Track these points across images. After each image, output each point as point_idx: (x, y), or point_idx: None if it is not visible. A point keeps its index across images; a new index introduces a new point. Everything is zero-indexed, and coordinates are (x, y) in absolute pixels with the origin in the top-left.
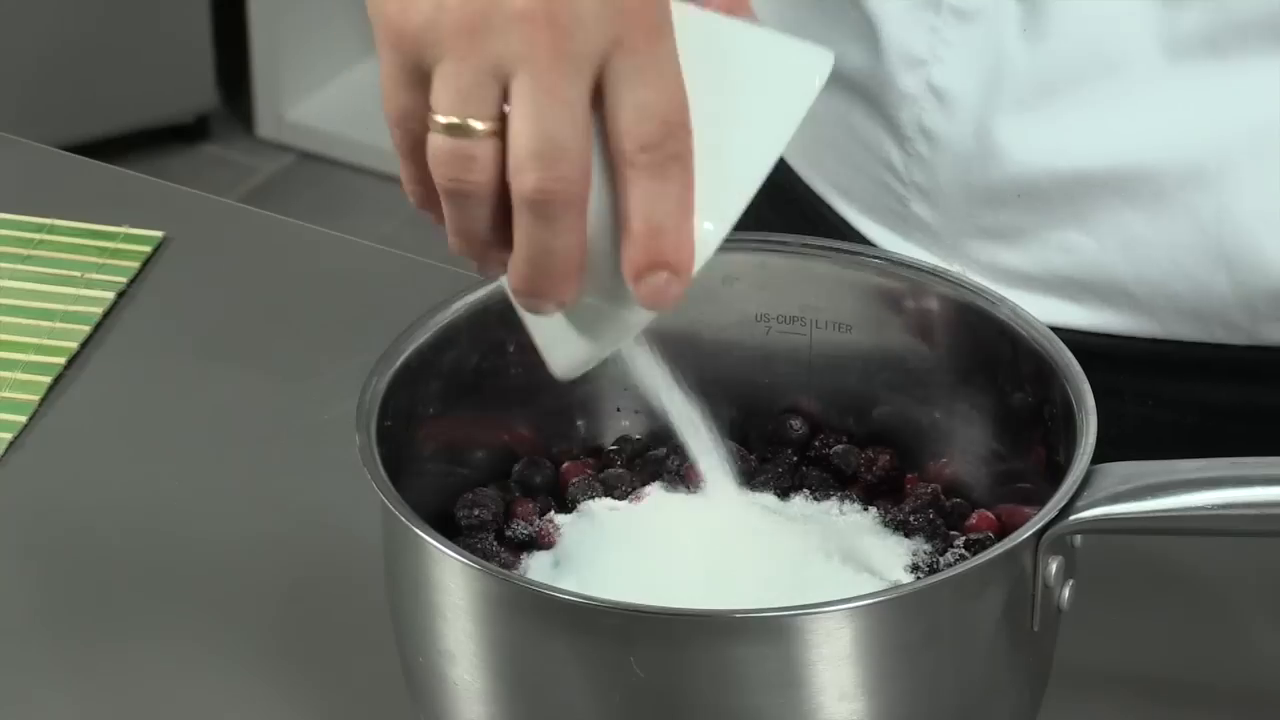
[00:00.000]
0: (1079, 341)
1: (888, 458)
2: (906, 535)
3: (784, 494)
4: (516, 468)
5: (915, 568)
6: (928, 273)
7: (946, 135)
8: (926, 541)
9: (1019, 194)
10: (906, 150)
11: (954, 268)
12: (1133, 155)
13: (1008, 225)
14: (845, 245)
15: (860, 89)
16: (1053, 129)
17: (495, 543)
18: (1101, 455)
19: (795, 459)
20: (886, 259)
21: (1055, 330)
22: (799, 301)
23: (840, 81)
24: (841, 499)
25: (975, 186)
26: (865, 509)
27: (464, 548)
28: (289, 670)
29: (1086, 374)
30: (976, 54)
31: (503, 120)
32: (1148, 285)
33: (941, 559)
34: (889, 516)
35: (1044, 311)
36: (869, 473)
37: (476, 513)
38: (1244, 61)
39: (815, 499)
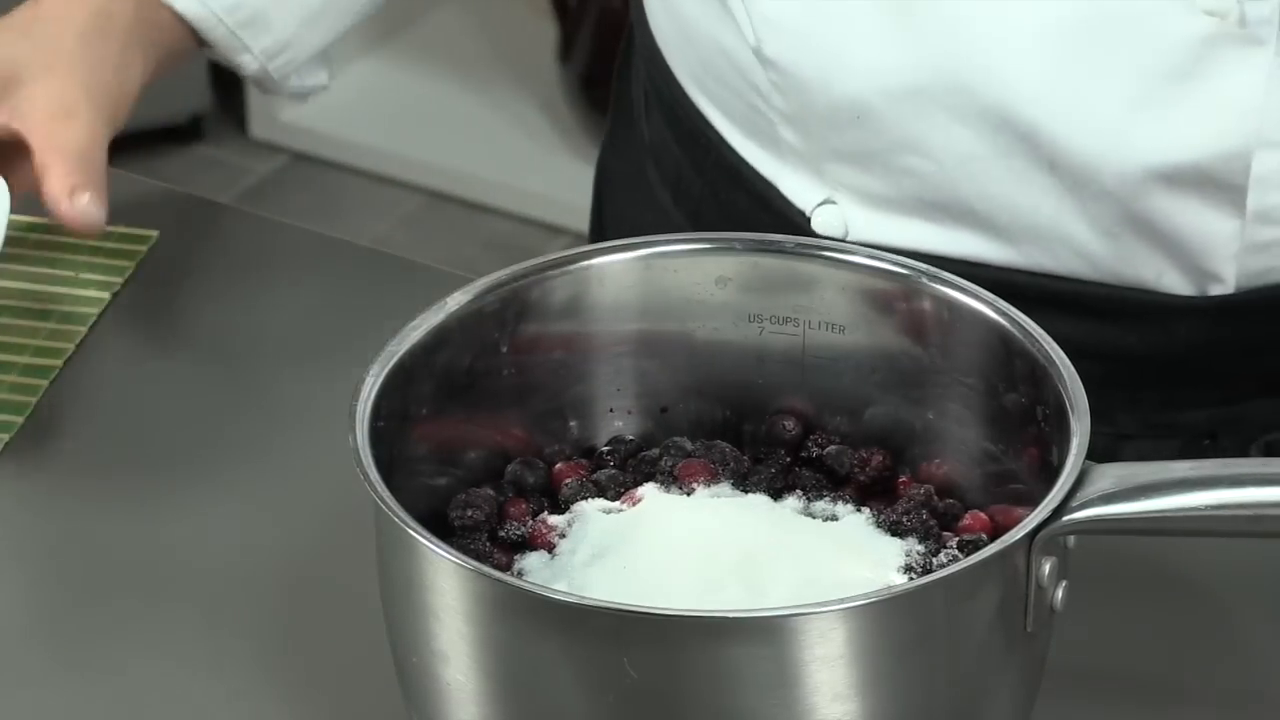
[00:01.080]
0: (945, 268)
1: (881, 458)
2: (899, 536)
3: (777, 495)
4: (509, 468)
5: (908, 568)
6: (921, 273)
7: (786, 60)
8: (919, 542)
9: (857, 115)
10: (767, 75)
11: (824, 193)
12: (949, 70)
13: (857, 148)
14: (838, 246)
15: (729, 11)
16: (874, 48)
17: (488, 543)
18: None
19: (788, 460)
20: (879, 260)
21: (918, 255)
22: (792, 302)
23: (713, 3)
24: (834, 500)
25: (821, 110)
26: (858, 510)
27: (457, 549)
28: (282, 670)
29: None
30: None
31: None
32: (990, 201)
33: (934, 560)
34: (882, 517)
35: (908, 237)
36: (862, 473)
37: (470, 513)
38: None
39: (808, 500)
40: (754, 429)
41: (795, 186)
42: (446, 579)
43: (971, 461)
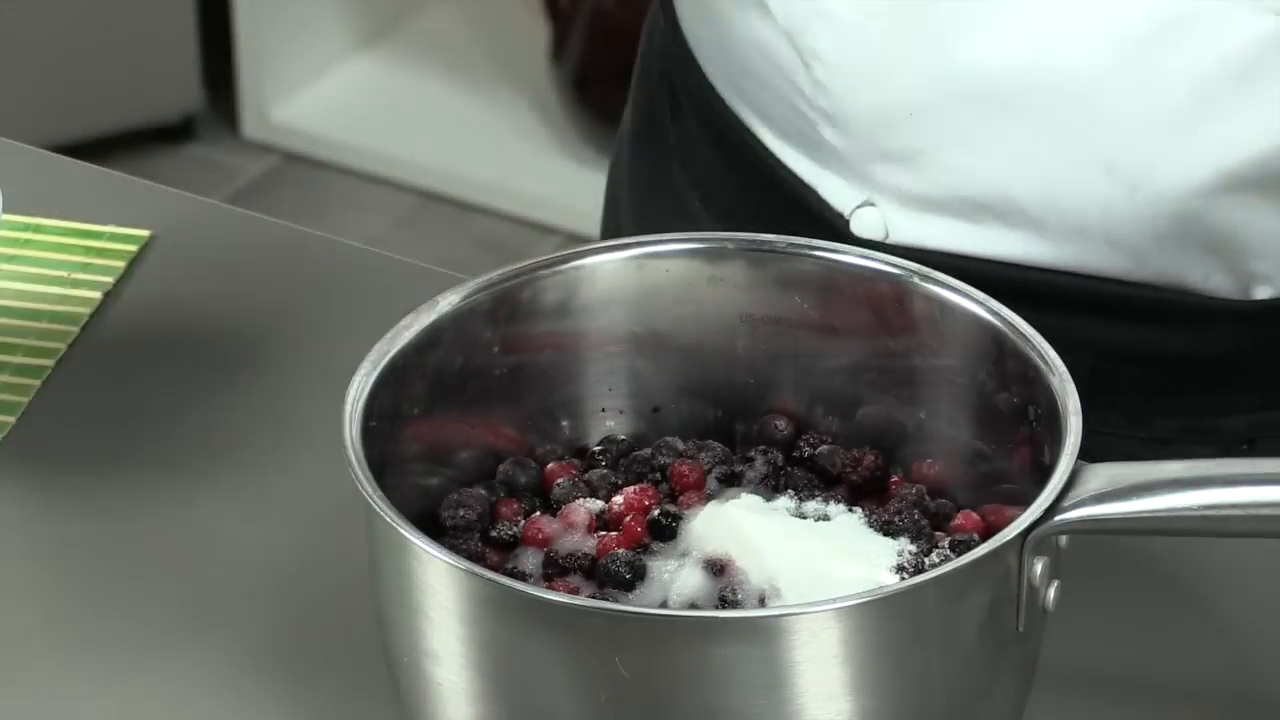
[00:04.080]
0: (983, 271)
1: (873, 458)
2: (892, 536)
3: (769, 495)
4: (501, 468)
5: (900, 568)
6: (913, 273)
7: (835, 57)
8: (912, 542)
9: (910, 114)
10: (811, 74)
11: (864, 194)
12: (1008, 69)
13: (905, 147)
14: (830, 246)
15: (770, 12)
16: (933, 46)
17: (480, 544)
18: None
19: (780, 460)
20: (871, 259)
21: (960, 258)
22: (783, 302)
23: (754, 4)
24: (826, 500)
25: (868, 110)
26: (850, 510)
27: (449, 549)
28: (275, 670)
29: None
30: None
31: None
32: (1039, 200)
33: (927, 560)
34: (874, 517)
35: (949, 238)
36: (854, 473)
37: (461, 513)
38: None
39: (800, 500)
40: (746, 429)
41: (834, 188)
42: (438, 579)
43: (963, 461)
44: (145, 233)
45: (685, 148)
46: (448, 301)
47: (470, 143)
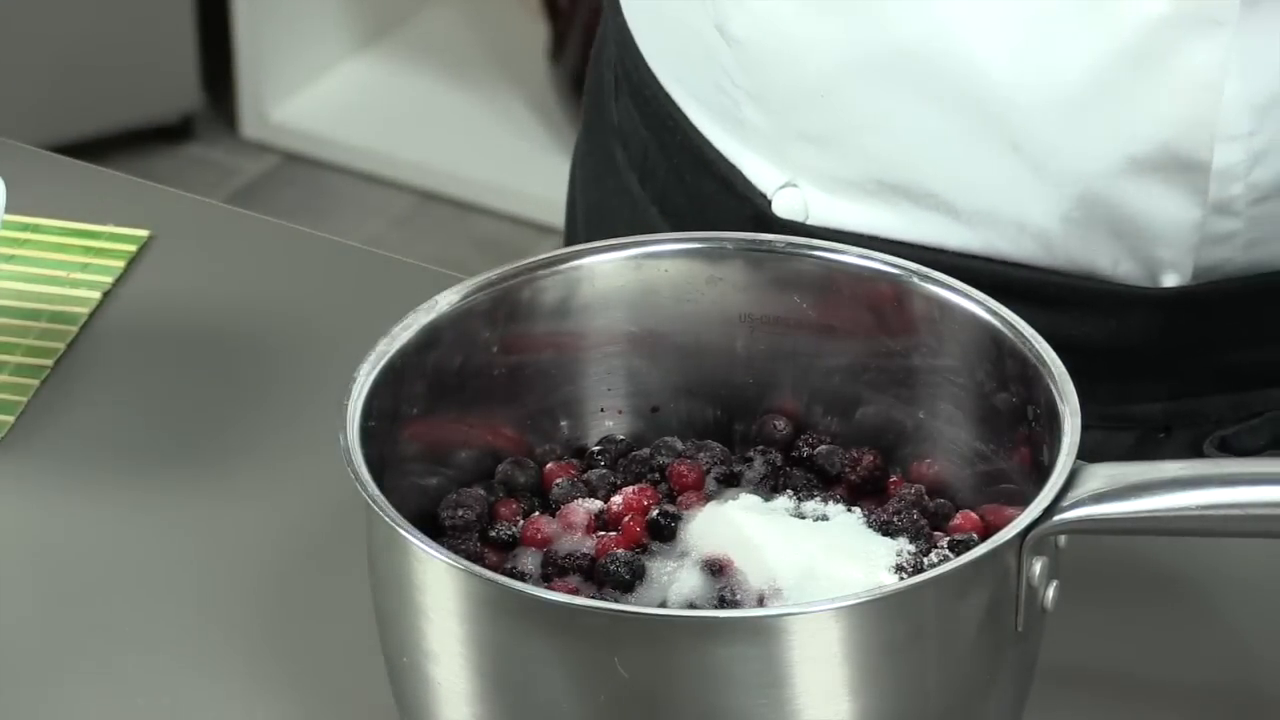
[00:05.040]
0: (898, 255)
1: (872, 458)
2: (891, 536)
3: (768, 495)
4: (500, 468)
5: (899, 568)
6: (912, 273)
7: (750, 39)
8: (910, 542)
9: (822, 94)
10: (732, 54)
11: (786, 175)
12: (912, 49)
13: (819, 128)
14: (828, 245)
15: None
16: (840, 26)
17: (479, 544)
18: None
19: (779, 460)
20: (870, 259)
21: (877, 240)
22: (782, 301)
23: None
24: (825, 500)
25: (784, 89)
26: (849, 510)
27: (448, 548)
28: (273, 670)
29: None
30: None
31: None
32: (949, 181)
33: (925, 560)
34: (873, 517)
35: (867, 220)
36: (853, 473)
37: (460, 513)
38: None
39: (799, 500)
40: (745, 429)
41: (758, 169)
42: (437, 579)
43: (962, 461)
44: (144, 232)
45: (626, 128)
46: (447, 301)
47: (469, 143)
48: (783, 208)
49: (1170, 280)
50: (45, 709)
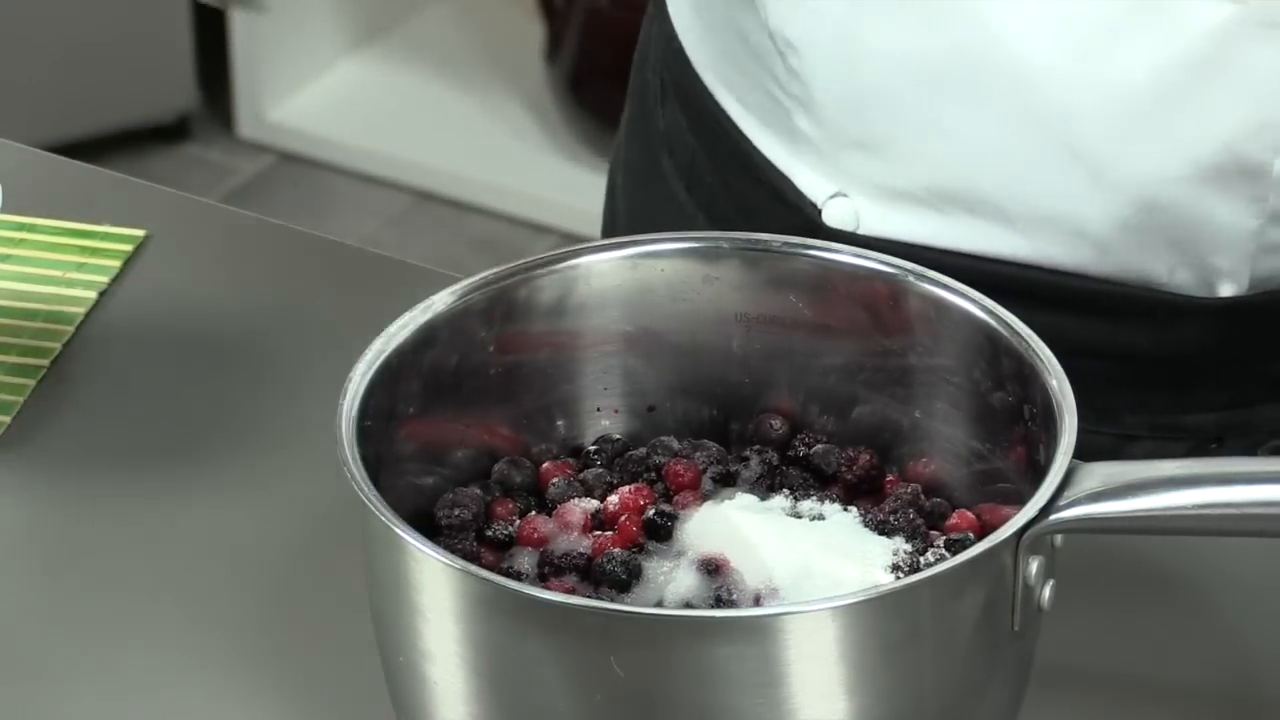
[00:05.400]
0: (953, 265)
1: (868, 457)
2: (887, 535)
3: (764, 494)
4: (496, 468)
5: (896, 567)
6: (908, 272)
7: (809, 43)
8: (907, 541)
9: (877, 101)
10: (785, 61)
11: (836, 185)
12: (975, 56)
13: (875, 135)
14: (825, 245)
15: (751, 1)
16: (899, 32)
17: (475, 543)
18: None
19: (775, 459)
20: (867, 259)
21: (930, 249)
22: (778, 301)
23: None
24: (822, 499)
25: (841, 95)
26: (845, 509)
27: (444, 548)
28: (270, 670)
29: None
30: None
31: None
32: (1005, 189)
33: (922, 559)
34: (869, 517)
35: (919, 230)
36: (849, 472)
37: (457, 513)
38: None
39: (795, 499)
40: (741, 428)
41: (808, 178)
42: (433, 578)
43: (959, 460)
44: (140, 232)
45: (673, 135)
46: (442, 301)
47: (465, 142)
48: (833, 217)
49: (1226, 289)
50: (41, 708)
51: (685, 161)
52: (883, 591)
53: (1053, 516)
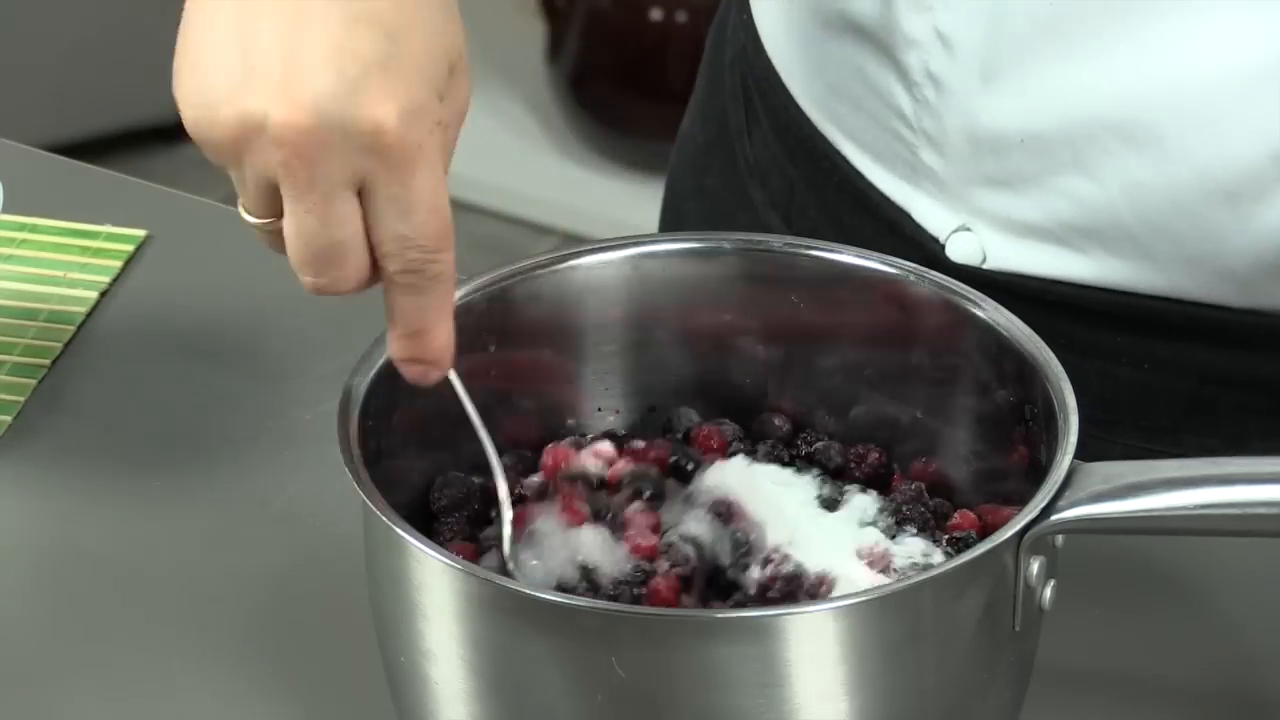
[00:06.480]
0: (1083, 297)
1: (877, 455)
2: (900, 526)
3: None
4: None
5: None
6: (910, 272)
7: (952, 80)
8: (919, 534)
9: (1023, 139)
10: (915, 96)
11: (960, 218)
12: (1132, 97)
13: (1013, 172)
14: (827, 245)
15: (870, 35)
16: (1056, 72)
17: (468, 525)
18: (1095, 417)
19: (786, 456)
20: (869, 259)
21: (1060, 284)
22: (780, 301)
23: (851, 28)
24: (842, 489)
25: (980, 132)
26: (864, 491)
27: (440, 531)
28: (271, 669)
29: (1087, 332)
30: None
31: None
32: (1151, 228)
33: (922, 558)
34: (883, 511)
35: (1050, 264)
36: (859, 470)
37: (449, 492)
38: (1236, 1)
39: (822, 481)
40: (744, 427)
41: (928, 212)
42: (434, 578)
43: (960, 460)
44: (141, 232)
45: (765, 166)
46: None
47: (466, 142)
48: (957, 251)
49: None
50: (42, 709)
51: (782, 193)
52: (884, 592)
53: (1054, 517)
